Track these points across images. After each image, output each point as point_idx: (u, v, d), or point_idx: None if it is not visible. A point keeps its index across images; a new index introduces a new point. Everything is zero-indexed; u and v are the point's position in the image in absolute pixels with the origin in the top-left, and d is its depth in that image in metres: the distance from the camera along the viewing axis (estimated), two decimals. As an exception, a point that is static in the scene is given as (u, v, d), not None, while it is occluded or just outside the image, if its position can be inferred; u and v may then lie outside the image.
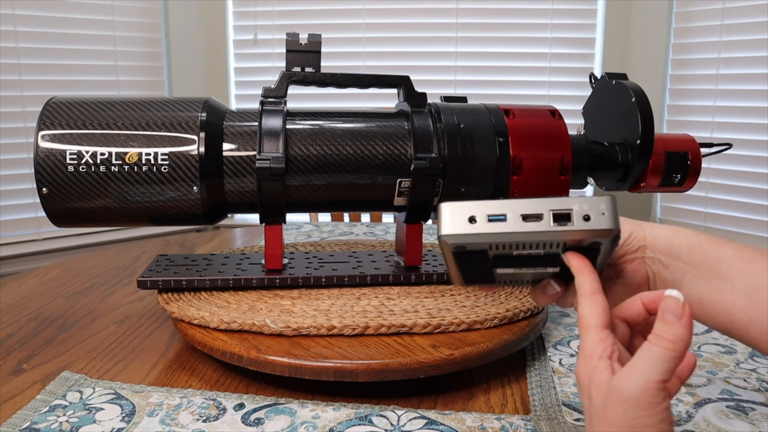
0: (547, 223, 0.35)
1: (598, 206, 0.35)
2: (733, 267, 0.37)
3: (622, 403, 0.30)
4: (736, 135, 1.68)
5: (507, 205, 0.36)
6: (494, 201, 0.36)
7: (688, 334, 0.31)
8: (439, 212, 0.36)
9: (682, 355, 0.31)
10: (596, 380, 0.32)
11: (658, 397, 0.30)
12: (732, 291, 0.36)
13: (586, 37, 1.90)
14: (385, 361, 0.51)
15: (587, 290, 0.35)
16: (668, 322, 0.31)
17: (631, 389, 0.30)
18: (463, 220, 0.35)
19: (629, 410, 0.30)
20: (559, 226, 0.35)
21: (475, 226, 0.35)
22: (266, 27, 1.98)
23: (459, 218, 0.36)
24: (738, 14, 1.65)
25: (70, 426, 0.48)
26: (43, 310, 0.73)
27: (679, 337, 0.31)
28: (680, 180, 0.70)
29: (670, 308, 0.32)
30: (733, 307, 0.36)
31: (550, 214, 0.35)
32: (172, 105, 0.62)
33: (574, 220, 0.35)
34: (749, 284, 0.36)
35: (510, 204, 0.36)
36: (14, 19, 1.67)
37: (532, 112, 0.65)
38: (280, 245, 0.65)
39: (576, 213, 0.35)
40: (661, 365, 0.30)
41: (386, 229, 1.16)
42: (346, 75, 0.65)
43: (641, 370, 0.30)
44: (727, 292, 0.37)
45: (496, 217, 0.35)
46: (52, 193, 0.59)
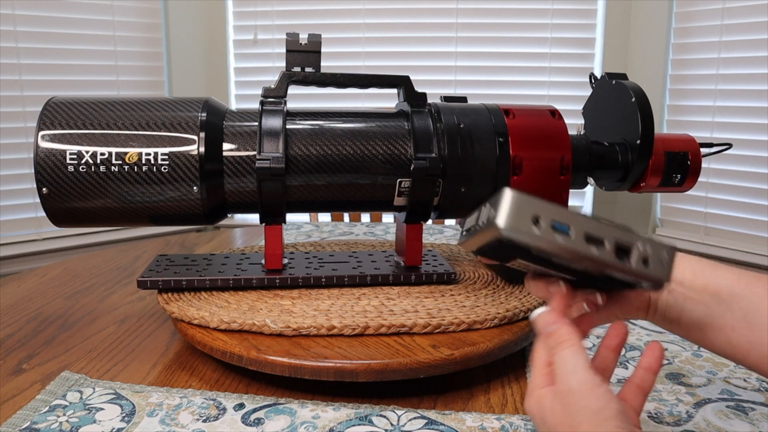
0: (607, 253, 0.34)
1: (659, 253, 0.34)
2: (732, 292, 0.38)
3: (569, 404, 0.34)
4: (736, 135, 1.68)
5: (572, 217, 0.34)
6: (559, 207, 0.34)
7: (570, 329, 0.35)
8: (501, 198, 0.33)
9: (581, 346, 0.35)
10: (546, 404, 0.35)
11: (596, 382, 0.33)
12: (731, 316, 0.37)
13: (586, 37, 1.90)
14: (385, 361, 0.51)
15: (539, 330, 0.38)
16: (554, 332, 0.36)
17: (573, 384, 0.34)
18: (527, 218, 0.33)
19: (579, 403, 0.33)
20: (617, 259, 0.34)
21: (536, 229, 0.33)
22: (266, 27, 1.98)
23: (523, 214, 0.33)
24: (738, 14, 1.65)
25: (70, 426, 0.48)
26: (43, 310, 0.73)
27: (567, 334, 0.35)
28: (680, 180, 0.70)
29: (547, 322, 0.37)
30: (732, 332, 0.37)
31: (613, 244, 0.34)
32: (172, 105, 0.62)
33: (633, 258, 0.34)
34: (747, 309, 0.37)
35: (575, 217, 0.34)
36: (14, 19, 1.67)
37: (532, 112, 0.65)
38: (280, 245, 0.65)
39: (636, 251, 0.34)
40: (578, 357, 0.34)
41: (386, 229, 1.16)
42: (346, 75, 0.65)
43: (569, 368, 0.34)
44: (726, 317, 0.37)
45: (560, 226, 0.33)
46: (52, 193, 0.59)
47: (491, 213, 0.34)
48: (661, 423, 0.49)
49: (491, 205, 0.34)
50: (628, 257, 0.34)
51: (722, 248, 1.70)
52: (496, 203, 0.34)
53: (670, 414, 0.51)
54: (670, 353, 0.62)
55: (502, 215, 0.33)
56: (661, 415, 0.50)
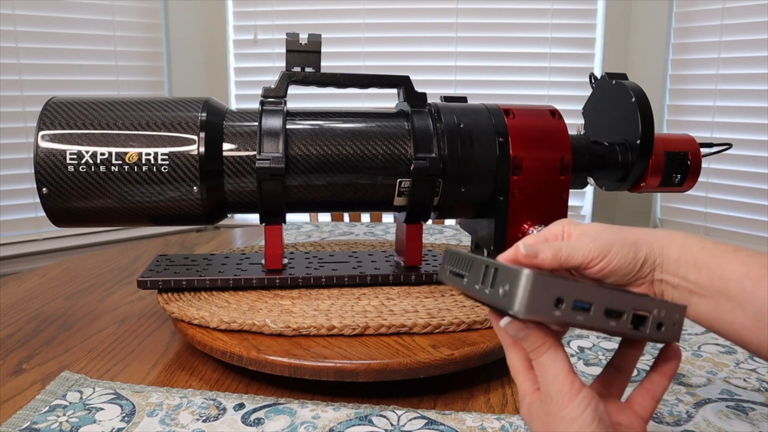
0: (625, 324, 0.34)
1: (673, 316, 0.35)
2: (742, 287, 0.36)
3: (550, 412, 0.34)
4: (736, 135, 1.68)
5: (593, 292, 0.33)
6: (580, 282, 0.33)
7: (541, 333, 0.35)
8: (519, 282, 0.31)
9: (556, 345, 0.35)
10: (533, 411, 0.35)
11: (574, 390, 0.33)
12: (741, 313, 0.36)
13: (586, 37, 1.90)
14: (385, 361, 0.51)
15: (506, 344, 0.38)
16: (527, 339, 0.35)
17: (552, 393, 0.34)
18: (549, 302, 0.32)
19: (558, 412, 0.34)
20: (634, 329, 0.34)
21: (558, 311, 0.32)
22: (266, 27, 1.98)
23: (546, 297, 0.32)
24: (738, 14, 1.65)
25: (70, 426, 0.48)
26: (43, 310, 0.73)
27: (540, 339, 0.34)
28: (680, 180, 0.70)
29: (516, 329, 0.35)
30: (742, 329, 0.36)
31: (631, 315, 0.34)
32: (172, 105, 0.62)
33: (649, 326, 0.34)
34: (758, 307, 0.35)
35: (596, 292, 0.33)
36: (14, 19, 1.67)
37: (532, 112, 0.65)
38: (280, 245, 0.65)
39: (652, 319, 0.34)
40: (555, 362, 0.34)
41: (386, 229, 1.16)
42: (346, 75, 0.65)
43: (549, 377, 0.34)
44: (736, 314, 0.36)
45: (582, 305, 0.33)
46: (52, 193, 0.59)
47: (506, 288, 0.32)
48: (661, 423, 0.49)
49: (505, 279, 0.32)
50: (645, 325, 0.34)
51: (722, 248, 1.70)
52: (512, 280, 0.32)
53: (670, 414, 0.51)
54: (670, 353, 0.62)
55: (522, 302, 0.31)
56: (661, 415, 0.50)
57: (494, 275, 0.33)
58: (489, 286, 0.33)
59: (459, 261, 0.37)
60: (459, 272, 0.36)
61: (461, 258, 0.37)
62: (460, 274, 0.36)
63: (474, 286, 0.35)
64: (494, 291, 0.33)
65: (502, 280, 0.33)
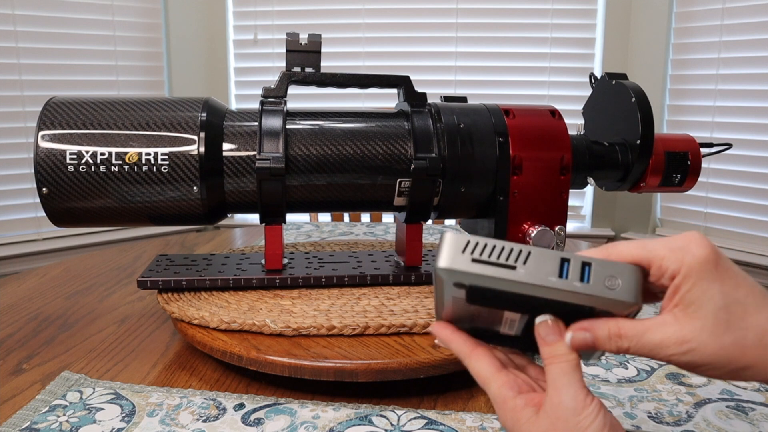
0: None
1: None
2: None
3: (558, 418, 0.31)
4: (736, 135, 1.68)
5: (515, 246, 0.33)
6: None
7: (569, 347, 0.32)
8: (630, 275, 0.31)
9: (578, 363, 0.32)
10: (523, 418, 0.33)
11: (588, 400, 0.31)
12: None
13: (586, 37, 1.91)
14: (385, 361, 0.51)
15: (464, 352, 0.36)
16: (552, 343, 0.33)
17: (565, 399, 0.31)
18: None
19: (569, 420, 0.31)
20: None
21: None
22: (266, 27, 1.98)
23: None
24: (738, 14, 1.65)
25: (70, 426, 0.48)
26: (43, 310, 0.73)
27: (566, 349, 0.32)
28: (680, 180, 0.70)
29: (548, 332, 0.33)
30: None
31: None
32: (172, 105, 0.62)
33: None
34: None
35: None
36: (14, 19, 1.67)
37: (532, 112, 0.65)
38: (280, 245, 0.65)
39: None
40: (574, 373, 0.32)
41: (386, 229, 1.16)
42: (346, 75, 0.65)
43: (564, 382, 0.32)
44: None
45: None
46: (52, 193, 0.59)
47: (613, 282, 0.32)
48: (661, 423, 0.49)
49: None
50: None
51: (722, 248, 1.70)
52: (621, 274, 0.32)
53: (670, 414, 0.51)
54: (670, 353, 0.62)
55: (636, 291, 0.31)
56: (661, 415, 0.50)
57: (585, 268, 0.32)
58: (579, 280, 0.32)
59: (486, 248, 0.33)
60: (501, 262, 0.33)
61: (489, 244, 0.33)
62: (505, 265, 0.32)
63: (546, 278, 0.32)
64: (593, 285, 0.32)
65: (602, 273, 0.32)
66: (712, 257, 0.30)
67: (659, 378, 0.57)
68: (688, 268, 0.30)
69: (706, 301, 0.30)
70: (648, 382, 0.56)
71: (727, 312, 0.29)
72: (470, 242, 0.33)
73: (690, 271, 0.30)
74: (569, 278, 0.32)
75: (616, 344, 0.32)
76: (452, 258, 0.32)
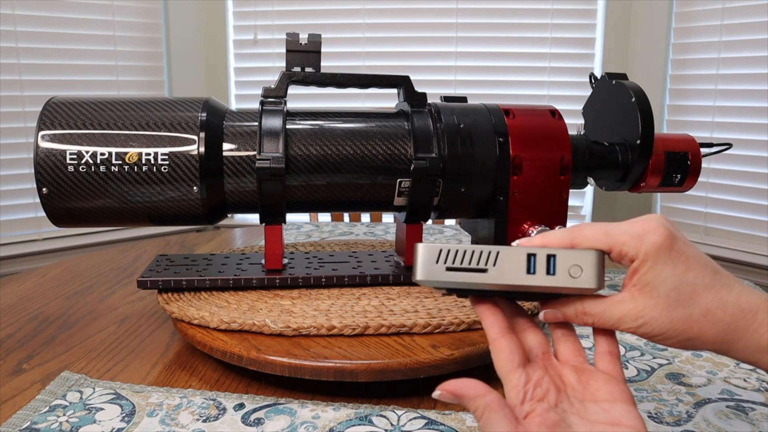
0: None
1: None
2: None
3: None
4: (736, 135, 1.68)
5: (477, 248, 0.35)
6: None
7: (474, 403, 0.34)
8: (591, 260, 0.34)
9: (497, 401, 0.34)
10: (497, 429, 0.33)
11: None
12: None
13: (586, 37, 1.91)
14: (385, 361, 0.51)
15: (490, 337, 0.37)
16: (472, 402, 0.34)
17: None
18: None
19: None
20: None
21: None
22: (266, 27, 1.98)
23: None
24: (738, 14, 1.65)
25: (70, 426, 0.48)
26: (43, 310, 0.73)
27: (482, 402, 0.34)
28: (680, 180, 0.70)
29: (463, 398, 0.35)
30: None
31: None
32: (172, 105, 0.62)
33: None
34: None
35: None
36: (14, 19, 1.67)
37: (532, 112, 0.65)
38: (280, 245, 0.65)
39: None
40: (500, 423, 0.33)
41: (386, 229, 1.16)
42: (346, 75, 0.65)
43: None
44: None
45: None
46: (52, 193, 0.59)
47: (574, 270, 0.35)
48: (661, 423, 0.49)
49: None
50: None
51: (722, 248, 1.70)
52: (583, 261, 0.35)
53: (670, 414, 0.51)
54: (670, 353, 0.62)
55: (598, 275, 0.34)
56: (661, 415, 0.50)
57: (550, 261, 0.35)
58: (546, 272, 0.35)
59: (457, 255, 0.35)
60: (472, 267, 0.35)
61: (459, 251, 0.35)
62: (477, 269, 0.35)
63: (516, 276, 0.35)
64: (559, 276, 0.34)
65: (566, 264, 0.34)
66: (666, 244, 0.34)
67: (659, 378, 0.57)
68: (644, 253, 0.34)
69: (659, 283, 0.34)
70: (648, 382, 0.56)
71: (677, 292, 0.34)
72: (442, 251, 0.35)
73: (646, 257, 0.34)
74: (536, 273, 0.35)
75: (582, 320, 0.36)
76: (428, 270, 0.35)
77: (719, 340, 0.34)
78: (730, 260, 1.67)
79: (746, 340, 0.33)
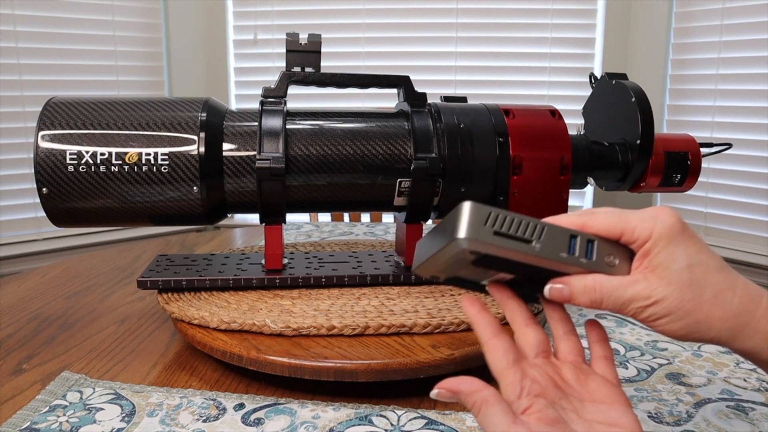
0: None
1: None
2: None
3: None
4: (736, 135, 1.68)
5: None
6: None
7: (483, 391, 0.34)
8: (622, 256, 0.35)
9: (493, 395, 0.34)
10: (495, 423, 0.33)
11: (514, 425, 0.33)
12: None
13: (586, 37, 1.90)
14: (385, 361, 0.51)
15: (483, 339, 0.37)
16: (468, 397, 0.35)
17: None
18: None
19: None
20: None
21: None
22: (266, 27, 1.98)
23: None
24: (738, 14, 1.65)
25: (70, 426, 0.48)
26: (43, 310, 0.73)
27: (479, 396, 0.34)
28: (680, 180, 0.70)
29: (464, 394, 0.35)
30: None
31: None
32: (172, 105, 0.62)
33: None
34: None
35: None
36: (14, 19, 1.66)
37: (532, 112, 0.65)
38: (280, 245, 0.65)
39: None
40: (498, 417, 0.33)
41: (386, 229, 1.16)
42: (346, 75, 0.65)
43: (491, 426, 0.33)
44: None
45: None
46: (52, 193, 0.59)
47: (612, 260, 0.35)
48: (661, 423, 0.49)
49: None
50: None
51: (722, 248, 1.70)
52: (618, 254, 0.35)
53: (670, 414, 0.51)
54: (670, 353, 0.62)
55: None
56: (661, 415, 0.50)
57: (589, 246, 0.35)
58: (584, 256, 0.35)
59: (506, 221, 0.33)
60: (519, 236, 0.34)
61: (509, 217, 0.34)
62: (522, 239, 0.34)
63: (557, 253, 0.34)
64: (596, 261, 0.35)
65: (604, 252, 0.35)
66: (678, 226, 0.34)
67: (659, 378, 0.57)
68: (658, 235, 0.34)
69: (671, 262, 0.34)
70: (648, 382, 0.56)
71: (690, 271, 0.33)
72: (492, 213, 0.33)
73: (659, 238, 0.34)
74: (576, 254, 0.34)
75: (590, 297, 0.35)
76: (475, 229, 0.33)
77: (726, 326, 0.33)
78: (730, 260, 1.66)
79: (753, 325, 0.33)
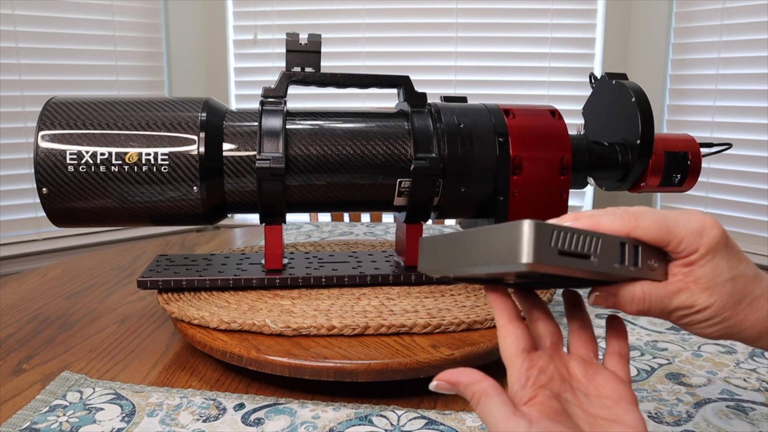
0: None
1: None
2: None
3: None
4: (736, 135, 1.68)
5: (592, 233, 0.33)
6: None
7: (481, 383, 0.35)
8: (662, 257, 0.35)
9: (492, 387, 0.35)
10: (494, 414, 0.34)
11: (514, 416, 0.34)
12: None
13: (586, 37, 1.90)
14: (385, 361, 0.51)
15: (499, 323, 0.37)
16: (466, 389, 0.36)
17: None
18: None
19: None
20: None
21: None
22: (266, 27, 1.98)
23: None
24: (738, 14, 1.65)
25: (70, 426, 0.48)
26: (43, 310, 0.73)
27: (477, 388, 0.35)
28: (680, 180, 0.70)
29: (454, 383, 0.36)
30: None
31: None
32: (172, 105, 0.62)
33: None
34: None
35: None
36: (14, 19, 1.67)
37: (532, 112, 0.65)
38: (280, 245, 0.65)
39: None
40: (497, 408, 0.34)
41: (386, 229, 1.16)
42: (346, 75, 0.65)
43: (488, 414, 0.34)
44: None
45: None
46: (52, 193, 0.59)
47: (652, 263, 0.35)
48: (661, 423, 0.49)
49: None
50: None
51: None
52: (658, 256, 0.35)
53: (670, 414, 0.51)
54: (669, 353, 0.62)
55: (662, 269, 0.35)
56: (661, 415, 0.50)
57: (636, 253, 0.34)
58: (633, 264, 0.34)
59: (567, 238, 0.31)
60: (579, 252, 0.32)
61: (569, 234, 0.31)
62: (582, 255, 0.32)
63: (611, 265, 0.33)
64: (642, 268, 0.35)
65: (647, 258, 0.35)
66: (723, 240, 0.35)
67: (659, 378, 0.57)
68: (706, 248, 0.35)
69: (715, 275, 0.35)
70: (648, 382, 0.56)
71: (733, 283, 0.35)
72: (554, 233, 0.31)
73: (707, 251, 0.35)
74: (626, 263, 0.34)
75: (638, 307, 0.36)
76: (543, 252, 0.30)
77: (757, 329, 0.36)
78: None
79: None
